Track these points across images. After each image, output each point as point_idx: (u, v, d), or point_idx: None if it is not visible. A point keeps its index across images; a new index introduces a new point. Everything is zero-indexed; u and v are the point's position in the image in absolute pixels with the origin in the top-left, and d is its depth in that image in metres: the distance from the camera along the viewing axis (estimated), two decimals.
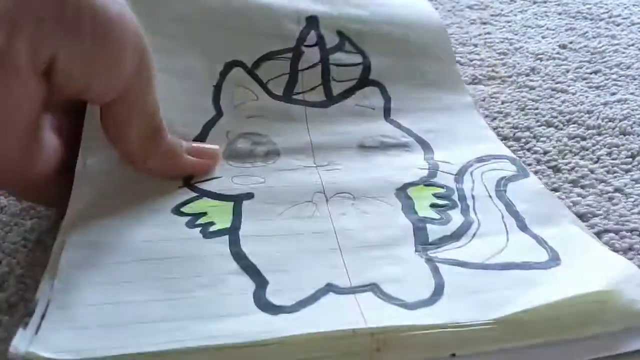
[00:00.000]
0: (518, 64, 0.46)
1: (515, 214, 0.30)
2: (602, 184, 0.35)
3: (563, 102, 0.42)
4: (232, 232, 0.28)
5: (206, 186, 0.30)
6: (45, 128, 0.28)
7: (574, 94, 0.43)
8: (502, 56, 0.47)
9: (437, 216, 0.30)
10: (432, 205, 0.30)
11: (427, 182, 0.32)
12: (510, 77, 0.45)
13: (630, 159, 0.37)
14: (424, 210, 0.30)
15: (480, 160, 0.34)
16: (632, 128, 0.40)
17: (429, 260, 0.27)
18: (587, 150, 0.38)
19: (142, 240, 0.27)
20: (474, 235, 0.28)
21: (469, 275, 0.26)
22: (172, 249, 0.26)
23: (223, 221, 0.28)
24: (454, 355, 0.23)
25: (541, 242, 0.28)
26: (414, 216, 0.29)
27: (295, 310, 0.24)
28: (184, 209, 0.29)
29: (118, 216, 0.28)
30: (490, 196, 0.31)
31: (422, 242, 0.28)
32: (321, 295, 0.25)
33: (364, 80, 0.38)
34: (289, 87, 0.37)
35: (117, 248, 0.26)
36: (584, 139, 0.39)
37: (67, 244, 0.26)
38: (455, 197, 0.31)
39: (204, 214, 0.29)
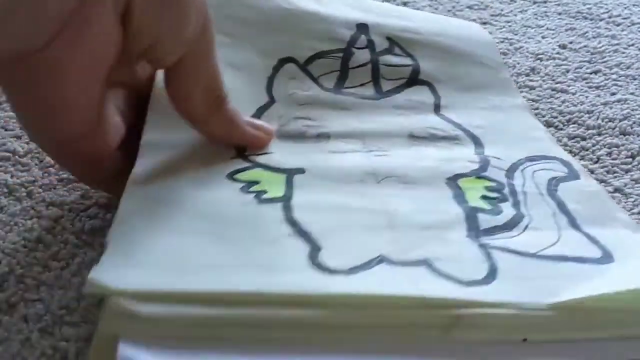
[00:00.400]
0: (518, 64, 0.46)
1: (566, 212, 0.29)
2: (602, 184, 0.35)
3: (563, 102, 0.42)
4: (285, 201, 0.28)
5: (259, 158, 0.31)
6: (114, 105, 0.29)
7: (574, 94, 0.43)
8: (502, 56, 0.47)
9: (488, 207, 0.29)
10: (483, 197, 0.30)
11: (478, 175, 0.32)
12: (510, 77, 0.45)
13: (630, 159, 0.37)
14: (475, 200, 0.30)
15: (531, 159, 0.33)
16: (632, 128, 0.40)
17: (482, 245, 0.27)
18: (587, 150, 0.38)
19: (198, 199, 0.27)
20: (526, 227, 0.28)
21: (522, 263, 0.26)
22: (227, 210, 0.27)
23: (276, 190, 0.29)
24: (525, 340, 0.23)
25: (594, 240, 0.28)
26: (465, 205, 0.29)
27: (350, 274, 0.24)
28: (238, 176, 0.30)
29: (174, 178, 0.29)
30: (541, 194, 0.31)
31: (474, 228, 0.28)
32: (375, 264, 0.25)
33: (414, 80, 0.39)
34: (340, 82, 0.38)
35: (174, 203, 0.27)
36: (584, 139, 0.39)
37: (126, 195, 0.27)
38: (506, 191, 0.31)
39: (257, 182, 0.29)
